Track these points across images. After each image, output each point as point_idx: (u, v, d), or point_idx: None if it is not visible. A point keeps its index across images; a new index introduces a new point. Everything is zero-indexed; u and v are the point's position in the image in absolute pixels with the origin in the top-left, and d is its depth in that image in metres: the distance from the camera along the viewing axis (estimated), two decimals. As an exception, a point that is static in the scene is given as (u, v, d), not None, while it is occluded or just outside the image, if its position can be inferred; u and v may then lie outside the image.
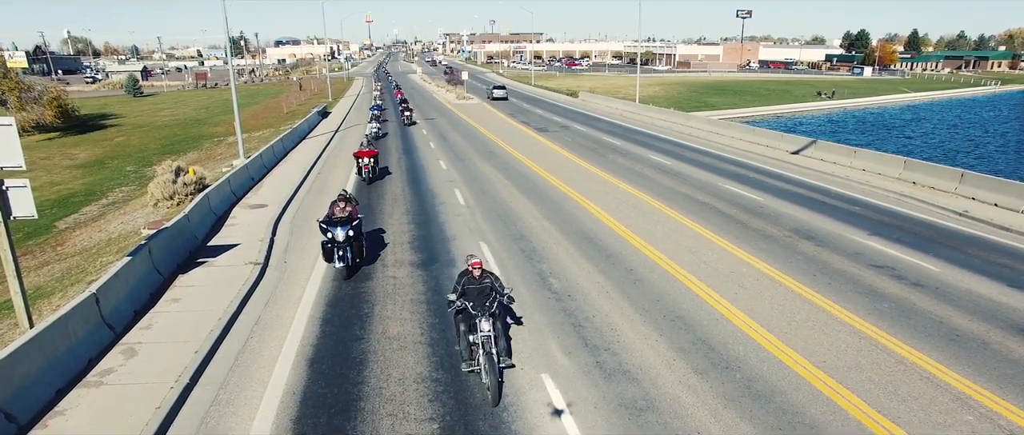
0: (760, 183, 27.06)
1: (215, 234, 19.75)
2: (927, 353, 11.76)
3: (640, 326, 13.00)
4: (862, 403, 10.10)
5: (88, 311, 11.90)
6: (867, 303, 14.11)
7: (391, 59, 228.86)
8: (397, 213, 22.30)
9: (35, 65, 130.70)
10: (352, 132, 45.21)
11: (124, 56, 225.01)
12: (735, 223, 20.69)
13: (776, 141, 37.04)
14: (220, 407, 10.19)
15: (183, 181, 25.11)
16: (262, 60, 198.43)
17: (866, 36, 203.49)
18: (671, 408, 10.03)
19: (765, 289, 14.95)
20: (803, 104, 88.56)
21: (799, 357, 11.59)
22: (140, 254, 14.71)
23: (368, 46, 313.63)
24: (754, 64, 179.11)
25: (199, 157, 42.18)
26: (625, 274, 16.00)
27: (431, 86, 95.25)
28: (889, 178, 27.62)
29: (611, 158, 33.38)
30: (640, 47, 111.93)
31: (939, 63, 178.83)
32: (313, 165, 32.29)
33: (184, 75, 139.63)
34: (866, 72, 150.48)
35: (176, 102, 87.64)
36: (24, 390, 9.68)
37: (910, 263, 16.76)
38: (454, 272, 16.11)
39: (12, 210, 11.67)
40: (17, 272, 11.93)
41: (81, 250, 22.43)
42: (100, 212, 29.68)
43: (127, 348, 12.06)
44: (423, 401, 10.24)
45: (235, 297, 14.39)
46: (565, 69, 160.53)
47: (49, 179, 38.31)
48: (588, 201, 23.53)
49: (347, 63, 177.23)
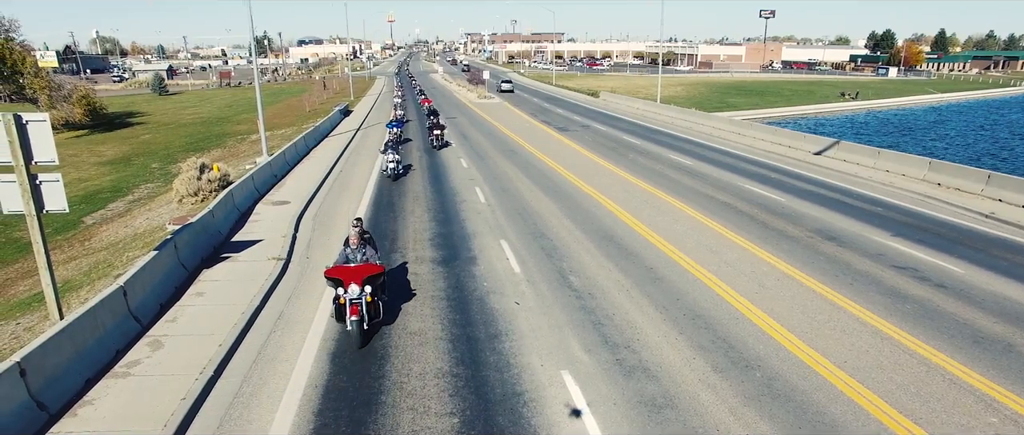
0: (782, 183, 26.88)
1: (239, 230, 20.01)
2: (950, 355, 11.65)
3: (660, 324, 13.01)
4: (883, 403, 10.04)
5: (116, 303, 12.14)
6: (889, 304, 13.99)
7: (412, 59, 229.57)
8: (418, 210, 22.45)
9: (65, 64, 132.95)
10: (373, 130, 45.52)
11: (150, 55, 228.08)
12: (756, 223, 20.59)
13: (798, 141, 36.74)
14: (244, 399, 10.35)
15: (207, 178, 25.45)
16: (285, 59, 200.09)
17: (891, 36, 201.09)
18: (690, 406, 10.03)
19: (786, 289, 14.88)
20: (826, 105, 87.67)
21: (820, 357, 11.54)
22: (166, 249, 14.96)
23: (390, 46, 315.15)
24: (777, 65, 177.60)
25: (223, 154, 42.68)
26: (645, 272, 15.99)
27: (452, 85, 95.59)
28: (913, 179, 27.31)
29: (631, 157, 33.31)
30: (662, 47, 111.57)
31: (967, 64, 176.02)
32: (335, 163, 32.55)
33: (208, 74, 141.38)
34: (891, 73, 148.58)
35: (200, 101, 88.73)
36: (55, 380, 9.91)
37: (934, 264, 16.58)
38: (475, 270, 16.26)
39: (45, 204, 11.92)
40: (49, 265, 12.20)
41: (108, 245, 22.82)
42: (126, 208, 30.16)
43: (153, 340, 12.28)
44: (443, 396, 10.34)
45: (258, 292, 14.59)
46: (586, 69, 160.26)
47: (77, 175, 38.99)
48: (608, 200, 23.53)
49: (369, 63, 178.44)
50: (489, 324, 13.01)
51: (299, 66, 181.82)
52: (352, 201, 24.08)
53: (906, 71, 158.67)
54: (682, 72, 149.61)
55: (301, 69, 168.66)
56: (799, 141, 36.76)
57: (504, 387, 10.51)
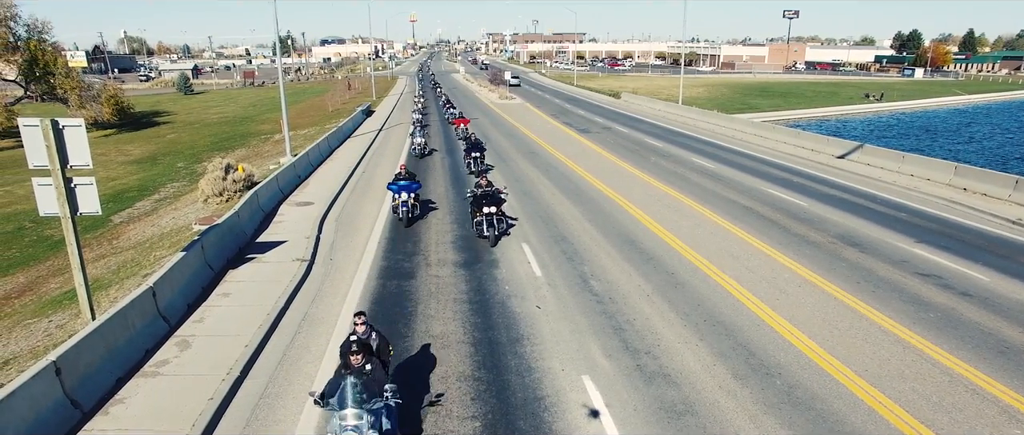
0: (804, 187, 26.73)
1: (263, 231, 20.32)
2: (974, 364, 11.59)
3: (680, 330, 13.05)
4: (904, 413, 10.03)
5: (145, 304, 12.43)
6: (912, 312, 13.92)
7: (434, 58, 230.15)
8: (440, 213, 22.63)
9: (93, 64, 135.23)
10: (396, 131, 45.83)
11: (176, 55, 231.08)
12: (778, 228, 20.52)
13: (821, 145, 36.48)
14: (269, 400, 10.57)
15: (232, 178, 25.84)
16: (308, 59, 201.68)
17: (918, 36, 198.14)
18: (710, 413, 10.08)
19: (807, 295, 14.84)
20: (850, 107, 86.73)
21: (841, 365, 11.52)
22: (193, 250, 15.26)
23: (412, 45, 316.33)
24: (800, 65, 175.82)
25: (247, 154, 43.20)
26: (666, 277, 16.03)
27: (473, 85, 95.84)
28: (938, 184, 27.03)
29: (653, 160, 33.28)
30: (684, 48, 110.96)
31: (996, 64, 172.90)
32: (357, 164, 32.86)
33: (232, 73, 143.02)
34: (917, 74, 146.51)
35: (225, 100, 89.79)
36: (88, 378, 10.18)
37: (958, 272, 16.45)
38: (497, 273, 16.38)
39: (79, 206, 12.23)
40: (82, 266, 12.51)
41: (135, 244, 23.24)
42: (153, 207, 30.66)
43: (181, 340, 12.55)
44: (465, 399, 10.47)
45: (283, 293, 14.84)
46: (608, 69, 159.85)
47: (105, 175, 39.67)
48: (630, 204, 23.55)
49: (391, 62, 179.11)
50: (511, 328, 13.13)
51: (322, 66, 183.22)
52: (375, 202, 24.32)
53: (933, 72, 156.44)
54: (704, 73, 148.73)
55: (324, 69, 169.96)
56: (822, 144, 36.50)
57: (525, 391, 10.63)
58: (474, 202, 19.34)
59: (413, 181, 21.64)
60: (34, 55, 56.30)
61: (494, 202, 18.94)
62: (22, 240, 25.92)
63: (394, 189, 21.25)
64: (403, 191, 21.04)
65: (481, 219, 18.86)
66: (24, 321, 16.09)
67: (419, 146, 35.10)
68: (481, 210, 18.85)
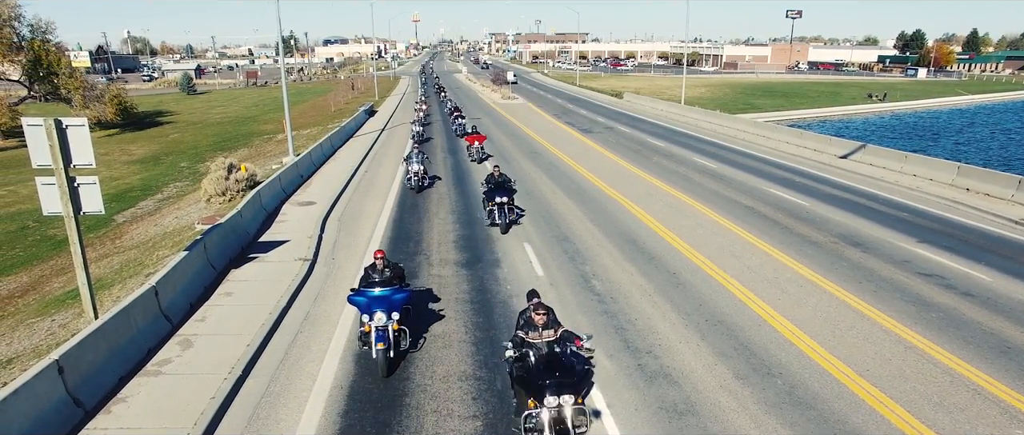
0: (806, 187, 26.71)
1: (266, 230, 20.36)
2: (976, 365, 11.58)
3: (682, 330, 13.06)
4: (906, 413, 10.02)
5: (148, 303, 12.46)
6: (914, 312, 13.91)
7: (437, 59, 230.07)
8: (442, 212, 22.66)
9: (97, 64, 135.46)
10: (398, 131, 45.85)
11: (179, 55, 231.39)
12: (780, 228, 20.51)
13: (824, 145, 36.44)
14: (271, 399, 10.59)
15: (235, 178, 25.87)
16: (310, 59, 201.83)
17: (921, 36, 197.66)
18: (712, 413, 10.09)
19: (809, 295, 14.84)
20: (853, 107, 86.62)
21: (842, 365, 11.52)
22: (196, 249, 15.30)
23: (415, 45, 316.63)
24: (803, 65, 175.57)
25: (250, 154, 43.28)
26: (668, 277, 16.04)
27: (476, 86, 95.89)
28: (941, 184, 26.99)
29: (655, 160, 33.27)
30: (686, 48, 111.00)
31: (1000, 64, 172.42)
32: (360, 163, 32.90)
33: (235, 73, 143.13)
34: (920, 74, 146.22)
35: (228, 100, 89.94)
36: (90, 377, 10.22)
37: (960, 272, 16.43)
38: (499, 272, 16.39)
39: (82, 206, 12.27)
40: (85, 265, 12.55)
41: (138, 243, 23.29)
42: (156, 206, 30.72)
43: (183, 339, 12.59)
44: (467, 399, 10.49)
45: (285, 292, 14.87)
46: (610, 69, 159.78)
47: (108, 174, 39.76)
48: (632, 203, 23.56)
49: (394, 62, 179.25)
50: (512, 328, 13.12)
51: (324, 65, 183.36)
52: (377, 201, 24.35)
53: (936, 72, 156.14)
54: (707, 73, 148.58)
55: (326, 68, 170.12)
56: (824, 144, 36.46)
57: None
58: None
59: (398, 287, 11.94)
60: (38, 55, 56.45)
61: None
62: (25, 239, 25.99)
63: (360, 305, 11.47)
64: (377, 309, 11.20)
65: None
66: (27, 320, 16.15)
67: (416, 176, 25.69)
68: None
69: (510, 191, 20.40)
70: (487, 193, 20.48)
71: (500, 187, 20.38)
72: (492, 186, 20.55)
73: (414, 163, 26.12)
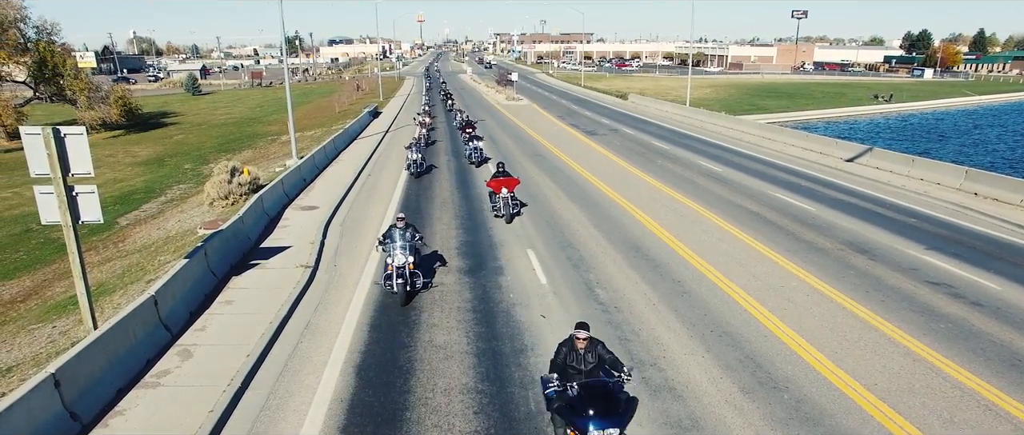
0: (812, 192, 26.49)
1: (268, 235, 20.24)
2: (986, 379, 11.37)
3: (686, 341, 12.89)
4: (915, 430, 9.83)
5: (147, 313, 12.34)
6: (922, 322, 13.71)
7: (442, 59, 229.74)
8: (445, 218, 22.52)
9: (103, 64, 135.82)
10: (402, 133, 45.71)
11: (184, 55, 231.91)
12: (786, 234, 20.31)
13: (830, 148, 36.20)
14: (270, 412, 10.46)
15: (238, 181, 25.79)
16: (315, 59, 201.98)
17: (928, 36, 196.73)
18: (716, 429, 9.92)
19: (815, 305, 14.65)
20: (858, 108, 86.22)
21: (850, 379, 11.33)
22: (196, 256, 15.18)
23: (419, 45, 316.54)
24: (808, 66, 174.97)
25: (253, 156, 43.22)
26: (673, 286, 15.86)
27: (481, 87, 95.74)
28: (949, 188, 26.74)
29: (660, 163, 33.08)
30: (691, 48, 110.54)
31: (1007, 64, 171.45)
32: (364, 166, 32.78)
33: (240, 74, 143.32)
34: (927, 74, 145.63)
35: (232, 100, 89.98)
36: (88, 390, 10.10)
37: (970, 280, 16.21)
38: (501, 280, 16.23)
39: (81, 215, 12.16)
40: (83, 275, 12.44)
41: (141, 247, 23.22)
42: (159, 209, 30.65)
43: (183, 350, 12.46)
44: (468, 413, 10.34)
45: (286, 300, 14.74)
46: (615, 70, 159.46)
47: (112, 176, 39.74)
48: (636, 208, 23.38)
49: (398, 63, 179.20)
50: (515, 338, 13.00)
51: (329, 66, 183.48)
52: (380, 206, 24.22)
53: (943, 72, 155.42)
54: (712, 73, 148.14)
55: (331, 69, 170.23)
56: (830, 147, 36.22)
57: (528, 405, 10.49)
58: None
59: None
60: (43, 56, 56.52)
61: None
62: (29, 242, 25.94)
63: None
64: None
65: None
66: (28, 326, 16.08)
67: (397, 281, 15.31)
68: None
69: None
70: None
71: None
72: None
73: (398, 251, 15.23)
